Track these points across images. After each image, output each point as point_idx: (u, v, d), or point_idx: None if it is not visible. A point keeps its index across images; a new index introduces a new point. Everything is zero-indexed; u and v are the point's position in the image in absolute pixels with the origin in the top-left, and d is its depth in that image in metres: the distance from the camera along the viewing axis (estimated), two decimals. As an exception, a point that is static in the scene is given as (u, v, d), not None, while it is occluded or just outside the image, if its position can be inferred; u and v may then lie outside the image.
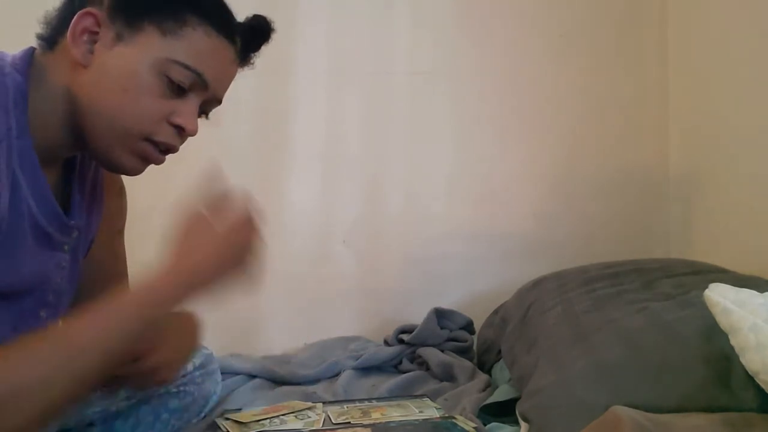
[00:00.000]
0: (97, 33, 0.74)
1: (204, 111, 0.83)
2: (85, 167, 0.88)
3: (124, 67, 0.74)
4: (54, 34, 0.76)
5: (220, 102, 0.84)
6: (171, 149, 0.81)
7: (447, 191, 1.86)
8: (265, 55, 1.83)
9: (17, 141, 0.70)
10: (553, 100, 1.88)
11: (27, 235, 0.74)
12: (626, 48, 1.91)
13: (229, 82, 0.84)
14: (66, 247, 0.82)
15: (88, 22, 0.74)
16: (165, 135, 0.78)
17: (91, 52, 0.74)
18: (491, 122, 1.87)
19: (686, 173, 1.86)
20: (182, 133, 0.80)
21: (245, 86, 1.71)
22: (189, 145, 1.84)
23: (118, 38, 0.74)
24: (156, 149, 0.79)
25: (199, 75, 0.77)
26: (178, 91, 0.77)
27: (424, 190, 1.85)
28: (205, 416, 1.17)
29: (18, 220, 0.72)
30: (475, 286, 1.84)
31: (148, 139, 0.78)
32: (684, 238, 1.85)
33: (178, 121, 0.78)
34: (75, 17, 0.73)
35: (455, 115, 1.86)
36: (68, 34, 0.74)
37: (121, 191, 1.01)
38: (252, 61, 0.87)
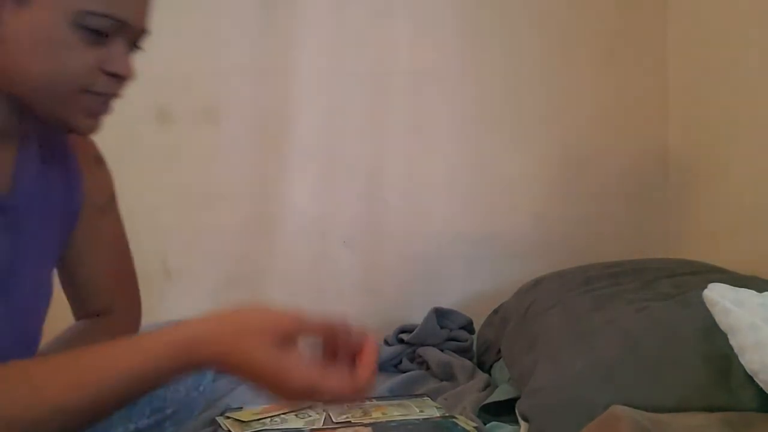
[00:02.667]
0: None
1: (134, 44, 0.78)
2: (50, 140, 0.85)
3: (38, 33, 0.71)
4: None
5: (146, 31, 0.78)
6: (114, 97, 0.77)
7: (447, 191, 1.86)
8: (265, 55, 1.84)
9: None
10: (552, 99, 1.88)
11: None
12: (625, 48, 1.91)
13: (149, 8, 0.78)
14: (3, 227, 0.78)
15: None
16: (103, 85, 0.75)
17: None
18: (491, 122, 1.87)
19: (685, 173, 1.86)
20: (119, 79, 0.76)
21: (245, 86, 1.74)
22: (188, 145, 1.85)
23: (19, 2, 0.70)
24: (99, 100, 0.76)
25: (116, 19, 0.73)
26: (101, 37, 0.73)
27: (424, 189, 1.85)
28: (204, 390, 1.14)
29: None
30: (475, 286, 1.84)
31: (89, 91, 0.74)
32: (683, 238, 1.85)
33: (112, 68, 0.74)
34: None
35: (455, 115, 1.86)
36: None
37: (98, 162, 0.94)
38: None
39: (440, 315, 1.64)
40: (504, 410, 1.21)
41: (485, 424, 1.16)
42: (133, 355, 0.66)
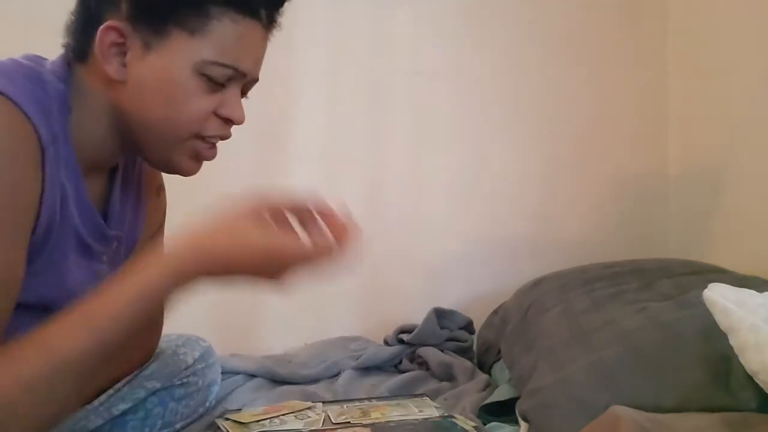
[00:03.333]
0: (124, 44, 0.73)
1: (243, 92, 0.83)
2: (129, 171, 0.88)
3: (162, 78, 0.74)
4: (81, 46, 0.75)
5: (257, 80, 0.83)
6: (222, 139, 0.81)
7: (447, 191, 1.86)
8: (265, 55, 1.83)
9: (63, 149, 0.70)
10: (553, 100, 1.89)
11: (71, 246, 0.74)
12: (626, 49, 1.91)
13: (263, 58, 0.83)
14: (104, 258, 0.82)
15: (112, 36, 0.73)
16: (214, 129, 0.78)
17: (124, 65, 0.74)
18: (492, 122, 1.87)
19: (685, 174, 1.86)
20: (229, 122, 0.80)
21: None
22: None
23: (147, 47, 0.73)
24: (207, 145, 0.79)
25: (236, 69, 0.77)
26: (219, 85, 0.77)
27: (424, 190, 1.85)
28: (209, 405, 1.21)
29: (65, 231, 0.72)
30: (475, 286, 1.84)
31: (199, 136, 0.77)
32: (683, 239, 1.85)
33: (226, 113, 0.78)
34: (98, 33, 0.72)
35: (456, 115, 1.86)
36: (96, 51, 0.73)
37: (159, 191, 0.99)
38: (278, 22, 0.84)
39: (440, 315, 1.63)
40: (504, 410, 1.21)
41: (485, 424, 1.16)
42: (129, 287, 0.66)
